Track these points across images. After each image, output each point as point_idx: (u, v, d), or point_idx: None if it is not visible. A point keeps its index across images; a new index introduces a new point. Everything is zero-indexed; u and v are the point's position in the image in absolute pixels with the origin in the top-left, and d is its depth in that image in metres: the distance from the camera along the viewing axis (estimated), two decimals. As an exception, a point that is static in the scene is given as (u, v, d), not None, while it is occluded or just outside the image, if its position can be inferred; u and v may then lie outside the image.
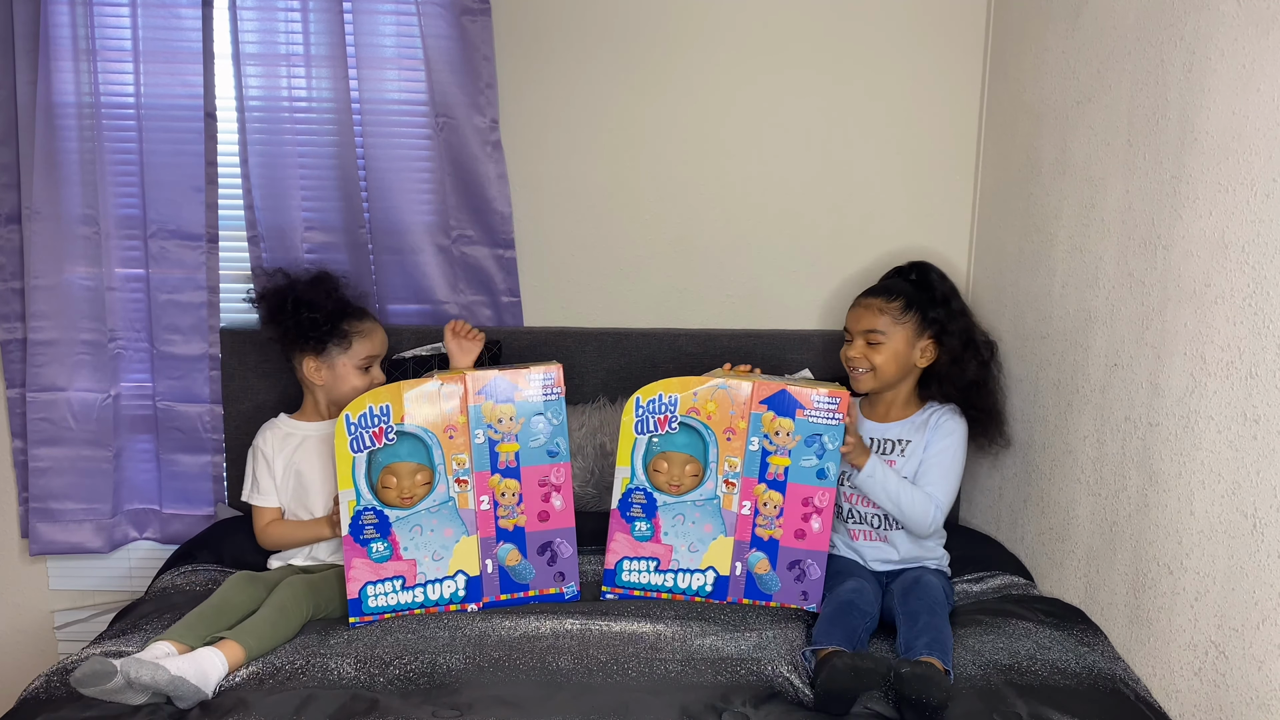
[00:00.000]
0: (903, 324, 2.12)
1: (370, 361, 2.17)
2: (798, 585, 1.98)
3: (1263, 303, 1.50)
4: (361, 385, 2.14)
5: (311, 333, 2.12)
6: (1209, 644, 1.60)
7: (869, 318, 2.13)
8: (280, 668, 1.68)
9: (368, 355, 2.16)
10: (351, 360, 2.14)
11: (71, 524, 2.50)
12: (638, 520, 1.98)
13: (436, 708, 1.56)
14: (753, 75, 2.56)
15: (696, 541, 1.98)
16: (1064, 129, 2.13)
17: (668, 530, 1.98)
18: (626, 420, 1.97)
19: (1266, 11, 1.50)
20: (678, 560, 1.98)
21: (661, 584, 1.99)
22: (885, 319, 2.11)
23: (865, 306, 2.15)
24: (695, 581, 1.99)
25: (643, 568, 1.99)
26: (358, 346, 2.15)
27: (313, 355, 2.13)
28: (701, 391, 1.97)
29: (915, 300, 2.14)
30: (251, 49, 2.41)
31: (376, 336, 2.19)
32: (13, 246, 2.42)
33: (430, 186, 2.52)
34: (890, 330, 2.11)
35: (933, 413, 2.14)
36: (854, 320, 2.16)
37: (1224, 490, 1.58)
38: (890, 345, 2.11)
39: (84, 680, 1.54)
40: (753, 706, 1.60)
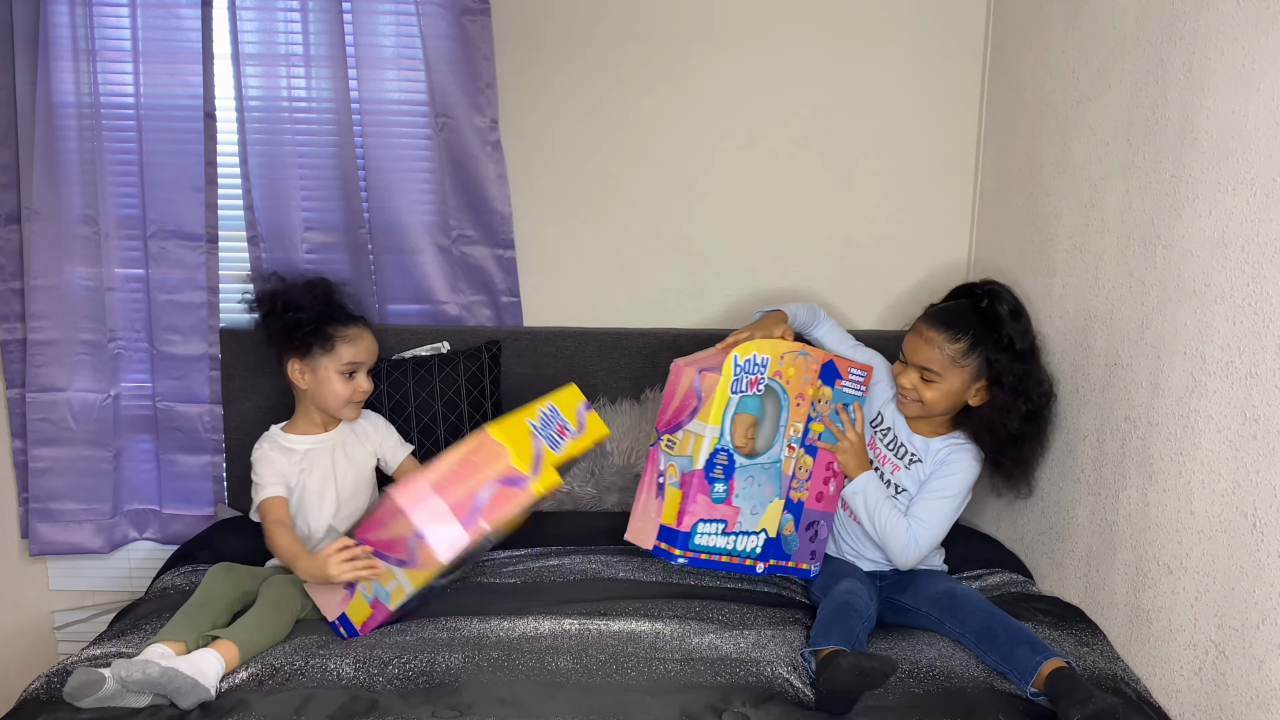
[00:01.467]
0: (962, 368, 1.95)
1: (354, 367, 2.10)
2: (809, 546, 2.01)
3: (1263, 303, 1.50)
4: (344, 392, 2.09)
5: (295, 333, 2.08)
6: (1209, 644, 1.60)
7: (927, 353, 1.96)
8: (280, 668, 1.68)
9: (351, 361, 2.09)
10: (334, 364, 2.08)
11: (71, 524, 2.50)
12: (717, 482, 1.90)
13: (436, 708, 1.56)
14: (752, 74, 2.56)
15: (758, 504, 1.94)
16: (1064, 129, 2.13)
17: (739, 492, 1.92)
18: (724, 379, 1.86)
19: (1266, 11, 1.50)
20: (741, 523, 1.94)
21: (725, 546, 1.93)
22: (944, 359, 1.95)
23: (927, 340, 1.96)
24: (749, 544, 1.95)
25: (713, 530, 1.92)
26: (341, 350, 2.08)
27: (297, 357, 2.09)
28: (786, 355, 1.93)
29: (980, 341, 1.95)
30: (251, 49, 2.41)
31: (362, 343, 2.12)
32: (13, 246, 2.42)
33: (430, 186, 2.52)
34: (947, 373, 1.96)
35: (946, 445, 2.03)
36: (912, 349, 1.99)
37: (1224, 490, 1.58)
38: (944, 385, 1.97)
39: (75, 693, 1.53)
40: (752, 706, 1.60)
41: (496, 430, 1.84)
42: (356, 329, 2.13)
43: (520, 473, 1.82)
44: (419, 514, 1.73)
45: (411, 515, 1.73)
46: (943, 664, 1.75)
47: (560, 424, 1.97)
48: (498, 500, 1.78)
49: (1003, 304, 2.01)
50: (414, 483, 1.75)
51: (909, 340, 2.02)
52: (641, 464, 2.39)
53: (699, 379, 1.90)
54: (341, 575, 1.77)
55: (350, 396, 2.10)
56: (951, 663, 1.75)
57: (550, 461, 1.88)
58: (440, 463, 1.78)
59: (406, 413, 2.35)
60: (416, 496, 1.74)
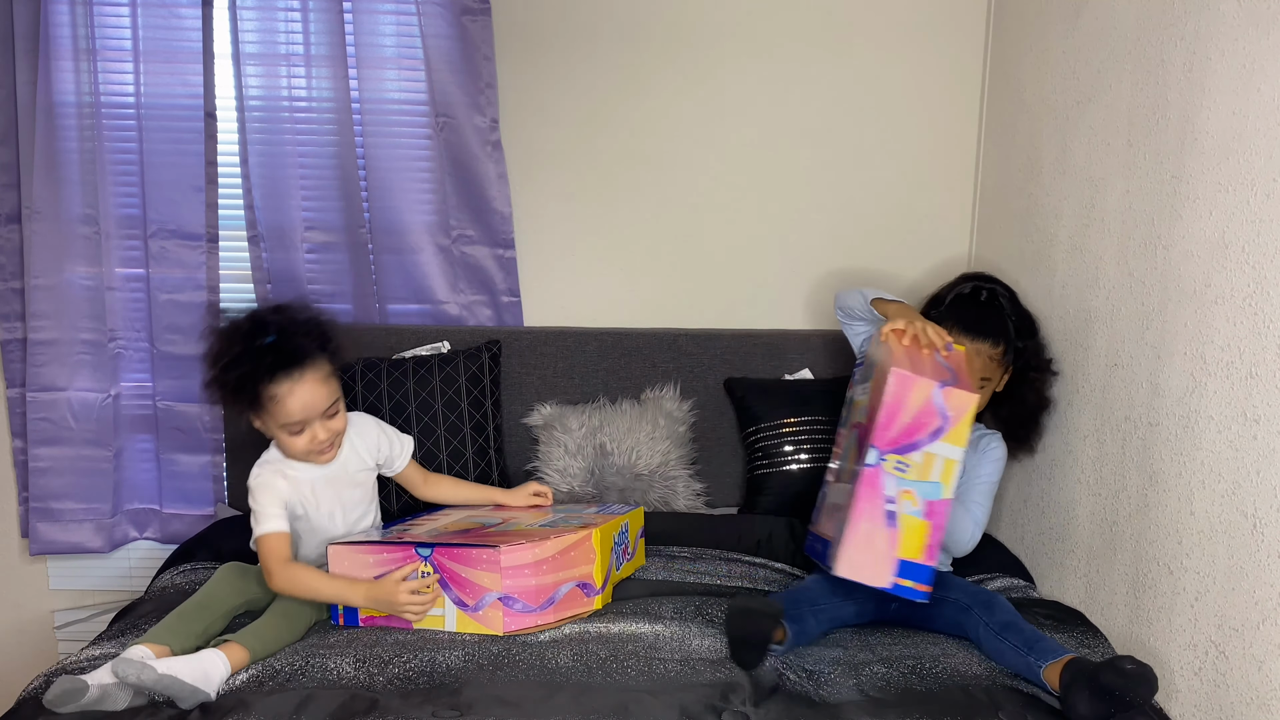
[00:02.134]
0: (1003, 366, 2.07)
1: (301, 425, 1.83)
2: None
3: (1263, 303, 1.50)
4: (300, 445, 1.84)
5: (221, 394, 1.84)
6: (1209, 644, 1.60)
7: (980, 366, 2.02)
8: (279, 669, 1.68)
9: (286, 423, 1.82)
10: (274, 424, 1.84)
11: (71, 524, 2.50)
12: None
13: (436, 707, 1.56)
14: (753, 75, 2.56)
15: None
16: (1064, 129, 2.13)
17: None
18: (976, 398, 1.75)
19: (1266, 11, 1.50)
20: None
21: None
22: (994, 365, 2.04)
23: (976, 352, 2.02)
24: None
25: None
26: (274, 411, 1.81)
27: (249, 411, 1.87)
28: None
29: (1008, 338, 2.06)
30: (251, 49, 2.42)
31: (295, 399, 1.80)
32: (13, 246, 2.42)
33: (430, 186, 2.52)
34: (995, 375, 2.06)
35: (982, 436, 2.10)
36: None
37: (1224, 490, 1.58)
38: (991, 387, 2.06)
39: (57, 701, 1.51)
40: (752, 705, 1.60)
41: (598, 537, 1.87)
42: (288, 383, 1.80)
43: (595, 584, 1.87)
44: (512, 581, 1.76)
45: (505, 579, 1.76)
46: (945, 661, 1.75)
47: (626, 546, 2.03)
48: (569, 600, 1.82)
49: (1002, 295, 2.13)
50: (522, 549, 1.76)
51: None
52: (642, 463, 2.39)
53: (940, 394, 1.71)
54: (409, 608, 1.77)
55: (309, 448, 1.86)
56: (954, 660, 1.75)
57: (613, 580, 1.94)
58: (547, 543, 1.79)
59: (407, 413, 2.35)
60: (519, 564, 1.76)
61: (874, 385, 1.81)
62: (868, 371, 1.91)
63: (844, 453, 1.94)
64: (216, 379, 1.82)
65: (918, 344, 1.82)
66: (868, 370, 1.91)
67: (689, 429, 2.52)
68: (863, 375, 1.95)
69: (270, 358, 1.80)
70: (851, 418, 1.95)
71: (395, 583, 1.78)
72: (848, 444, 1.92)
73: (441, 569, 1.79)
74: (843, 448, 1.96)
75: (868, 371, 1.91)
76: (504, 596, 1.76)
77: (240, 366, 1.79)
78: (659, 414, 2.47)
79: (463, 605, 1.78)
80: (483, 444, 2.40)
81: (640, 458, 2.40)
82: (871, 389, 1.82)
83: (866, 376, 1.91)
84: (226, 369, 1.80)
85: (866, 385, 1.88)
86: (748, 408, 2.49)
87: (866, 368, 1.94)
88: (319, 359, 1.85)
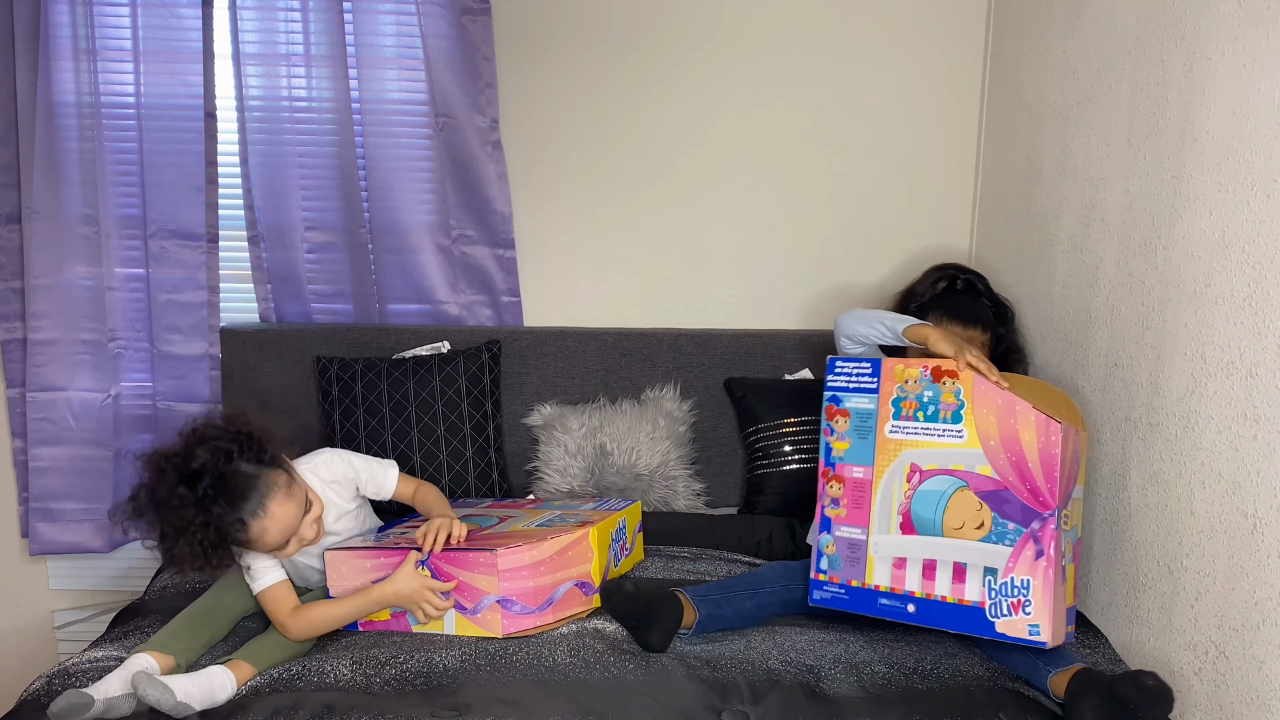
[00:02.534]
0: (989, 350, 2.07)
1: (282, 542, 1.72)
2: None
3: (1263, 303, 1.50)
4: (292, 550, 1.76)
5: (200, 564, 1.68)
6: (1209, 644, 1.60)
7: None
8: (277, 673, 1.68)
9: (273, 548, 1.73)
10: (264, 560, 1.76)
11: (71, 524, 2.50)
12: None
13: (434, 708, 1.56)
14: (752, 74, 2.56)
15: None
16: (1064, 129, 2.13)
17: None
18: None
19: (1266, 11, 1.50)
20: None
21: None
22: (985, 351, 2.02)
23: (969, 340, 1.98)
24: None
25: None
26: (260, 547, 1.72)
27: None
28: None
29: (993, 324, 2.08)
30: (251, 49, 2.41)
31: (270, 536, 1.69)
32: (13, 246, 2.42)
33: (430, 186, 2.51)
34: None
35: None
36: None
37: (1224, 490, 1.58)
38: None
39: (62, 714, 1.50)
40: (751, 704, 1.60)
41: (595, 535, 1.88)
42: (255, 525, 1.67)
43: (593, 583, 1.87)
44: (510, 584, 1.76)
45: (503, 581, 1.76)
46: (946, 661, 1.75)
47: (624, 542, 2.03)
48: (568, 599, 1.83)
49: (978, 282, 2.17)
50: (519, 551, 1.76)
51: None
52: (642, 463, 2.39)
53: (1076, 438, 1.70)
54: (431, 601, 1.76)
55: (299, 547, 1.78)
56: (955, 660, 1.76)
57: (612, 576, 1.94)
58: (544, 543, 1.79)
59: (407, 413, 2.35)
60: (516, 566, 1.76)
61: (980, 427, 1.69)
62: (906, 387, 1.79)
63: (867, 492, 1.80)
64: (191, 553, 1.65)
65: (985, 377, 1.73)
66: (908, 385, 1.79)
67: (689, 429, 2.52)
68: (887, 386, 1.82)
69: (220, 506, 1.64)
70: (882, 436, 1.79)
71: (414, 575, 1.77)
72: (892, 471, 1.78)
73: (439, 573, 1.79)
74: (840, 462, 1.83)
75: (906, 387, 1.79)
76: (502, 599, 1.76)
77: (202, 531, 1.65)
78: (659, 414, 2.46)
79: (461, 609, 1.78)
80: (483, 444, 2.40)
81: (640, 458, 2.40)
82: (976, 431, 1.70)
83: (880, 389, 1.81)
84: (191, 538, 1.65)
85: (875, 396, 1.81)
86: (748, 408, 2.49)
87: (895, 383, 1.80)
88: (269, 476, 1.70)
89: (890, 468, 1.78)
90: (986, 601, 1.67)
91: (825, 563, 1.83)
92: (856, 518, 1.81)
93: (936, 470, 1.73)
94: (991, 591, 1.67)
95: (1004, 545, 1.66)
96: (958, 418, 1.72)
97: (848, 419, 1.83)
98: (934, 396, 1.75)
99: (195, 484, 1.65)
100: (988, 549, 1.68)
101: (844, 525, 1.82)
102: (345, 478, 1.91)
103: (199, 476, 1.65)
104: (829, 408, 1.86)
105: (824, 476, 1.85)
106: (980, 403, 1.70)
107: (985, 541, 1.68)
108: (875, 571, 1.78)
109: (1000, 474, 1.68)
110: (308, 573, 1.91)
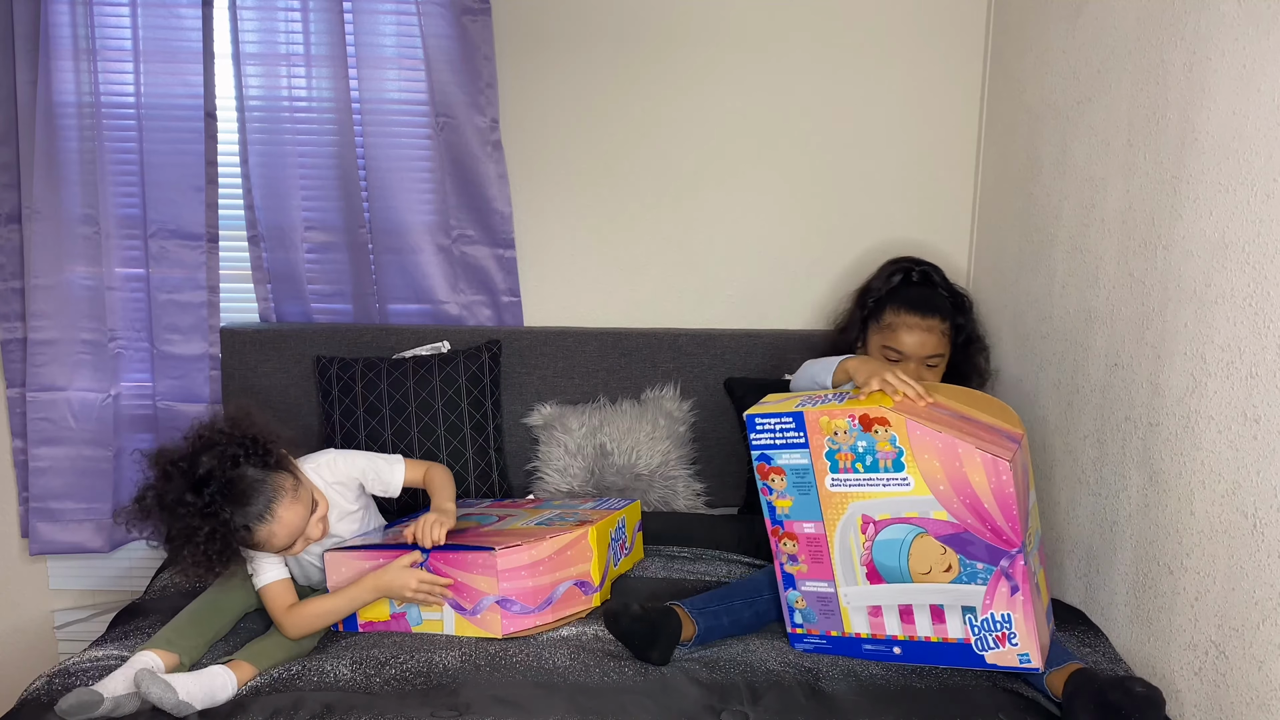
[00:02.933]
0: (949, 339, 2.07)
1: (289, 544, 1.74)
2: None
3: (1263, 303, 1.50)
4: (298, 550, 1.78)
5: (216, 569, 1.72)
6: (1209, 644, 1.60)
7: (935, 343, 2.02)
8: (277, 673, 1.68)
9: (281, 550, 1.76)
10: (267, 559, 1.78)
11: (71, 524, 2.50)
12: None
13: (434, 708, 1.56)
14: (753, 74, 2.56)
15: None
16: (1064, 129, 2.12)
17: None
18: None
19: (1266, 11, 1.50)
20: None
21: None
22: (945, 341, 2.05)
23: (929, 330, 2.01)
24: None
25: None
26: (268, 548, 1.75)
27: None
28: None
29: (951, 313, 2.09)
30: (251, 49, 2.41)
31: (278, 539, 1.72)
32: (13, 246, 2.42)
33: (430, 186, 2.52)
34: (946, 350, 2.06)
35: None
36: (916, 344, 2.00)
37: (1224, 490, 1.57)
38: (942, 363, 2.06)
39: (71, 711, 1.51)
40: (750, 704, 1.60)
41: (594, 535, 1.87)
42: (263, 528, 1.70)
43: (593, 582, 1.86)
44: (509, 584, 1.76)
45: (502, 581, 1.75)
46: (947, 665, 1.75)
47: (624, 541, 2.02)
48: (567, 599, 1.82)
49: (934, 273, 2.16)
50: (517, 551, 1.76)
51: (906, 338, 2.01)
52: (642, 463, 2.39)
53: (1021, 452, 1.64)
54: (416, 597, 1.76)
55: (305, 547, 1.81)
56: (952, 662, 1.76)
57: (611, 576, 1.93)
58: (543, 543, 1.79)
59: (407, 413, 2.35)
60: (514, 566, 1.76)
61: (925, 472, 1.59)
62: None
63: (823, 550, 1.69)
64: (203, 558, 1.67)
65: (910, 400, 1.64)
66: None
67: (689, 429, 2.52)
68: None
69: (227, 512, 1.66)
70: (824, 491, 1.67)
71: (402, 568, 1.76)
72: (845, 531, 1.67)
73: (437, 574, 1.78)
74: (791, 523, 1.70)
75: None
76: (501, 599, 1.75)
77: (211, 541, 1.66)
78: (659, 414, 2.47)
79: (460, 609, 1.78)
80: (483, 444, 2.40)
81: (640, 458, 2.40)
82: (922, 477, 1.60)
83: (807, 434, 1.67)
84: (201, 545, 1.66)
85: (806, 450, 1.66)
86: (748, 408, 2.48)
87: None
88: (276, 479, 1.72)
89: (841, 521, 1.67)
90: (971, 637, 1.65)
91: (799, 616, 1.77)
92: (819, 572, 1.71)
93: (890, 520, 1.63)
94: (974, 628, 1.64)
95: (977, 584, 1.62)
96: (899, 465, 1.60)
97: (783, 476, 1.68)
98: (869, 446, 1.61)
99: (201, 490, 1.66)
100: (961, 589, 1.63)
101: (808, 580, 1.73)
102: (349, 478, 1.92)
103: (205, 483, 1.67)
104: (760, 466, 1.70)
105: (775, 535, 1.73)
106: (920, 449, 1.58)
107: (957, 583, 1.63)
108: (852, 621, 1.72)
109: (957, 517, 1.59)
110: (311, 570, 1.91)
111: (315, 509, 1.78)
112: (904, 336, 2.01)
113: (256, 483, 1.69)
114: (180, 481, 1.67)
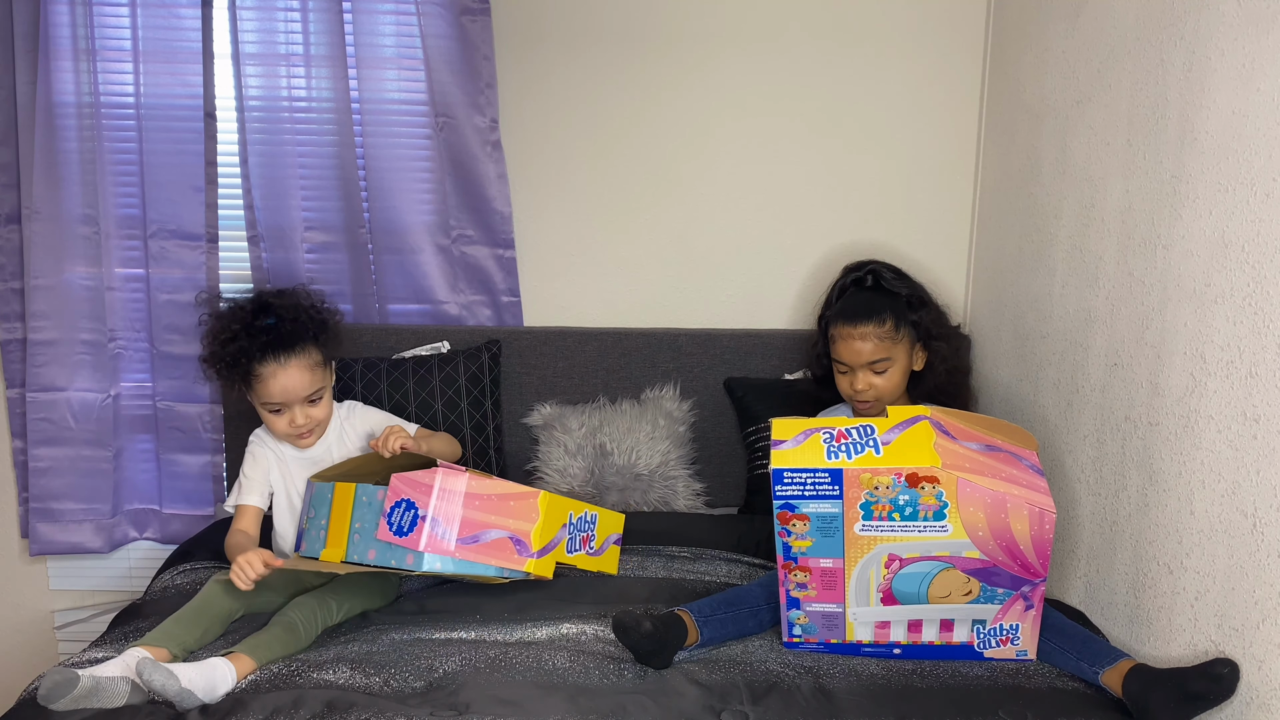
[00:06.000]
0: (900, 341, 2.07)
1: (279, 406, 1.98)
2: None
3: (1263, 303, 1.50)
4: (279, 426, 2.00)
5: (223, 370, 2.00)
6: (1209, 644, 1.60)
7: (871, 349, 2.04)
8: (277, 671, 1.68)
9: (266, 401, 1.98)
10: (257, 401, 2.01)
11: (71, 524, 2.50)
12: None
13: (434, 708, 1.56)
14: (752, 74, 2.56)
15: None
16: (1064, 129, 2.12)
17: None
18: None
19: (1266, 11, 1.50)
20: None
21: None
22: (887, 344, 2.05)
23: (862, 338, 2.04)
24: None
25: None
26: (258, 389, 1.98)
27: (241, 385, 2.02)
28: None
29: (899, 312, 2.08)
30: (251, 49, 2.42)
31: (277, 381, 1.96)
32: (13, 246, 2.42)
33: (430, 186, 2.52)
34: (893, 352, 2.06)
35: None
36: (852, 354, 2.05)
37: (1224, 490, 1.57)
38: (897, 365, 2.07)
39: (49, 696, 1.50)
40: (750, 704, 1.60)
41: (545, 500, 1.87)
42: (274, 365, 1.96)
43: (530, 545, 1.86)
44: (442, 504, 1.77)
45: (437, 500, 1.76)
46: (946, 660, 1.75)
47: (588, 535, 2.01)
48: (495, 547, 1.81)
49: (884, 274, 2.17)
50: (459, 475, 1.79)
51: (844, 349, 2.07)
52: (642, 463, 2.39)
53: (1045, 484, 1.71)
54: (235, 569, 1.77)
55: (288, 430, 2.02)
56: (954, 660, 1.75)
57: (555, 556, 1.92)
58: (490, 481, 1.81)
59: (407, 413, 2.35)
60: (452, 489, 1.78)
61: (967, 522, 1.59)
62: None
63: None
64: (214, 353, 1.98)
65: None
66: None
67: (689, 429, 2.52)
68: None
69: (264, 338, 1.95)
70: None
71: (254, 552, 1.78)
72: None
73: (395, 491, 1.80)
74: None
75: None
76: (431, 518, 1.76)
77: (236, 342, 1.95)
78: (659, 414, 2.47)
79: (396, 530, 1.78)
80: (483, 444, 2.40)
81: (640, 458, 2.40)
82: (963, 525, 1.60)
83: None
84: (224, 344, 1.96)
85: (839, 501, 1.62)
86: (748, 408, 2.49)
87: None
88: (309, 347, 1.99)
89: (864, 558, 1.65)
90: (975, 641, 1.72)
91: (799, 630, 1.76)
92: (829, 597, 1.70)
93: (919, 558, 1.63)
94: (980, 634, 1.71)
95: (993, 604, 1.68)
96: (940, 515, 1.60)
97: (807, 522, 1.64)
98: (911, 499, 1.59)
99: (260, 313, 1.99)
100: (975, 608, 1.69)
101: (815, 603, 1.71)
102: (370, 422, 2.13)
103: (266, 310, 1.99)
104: (782, 513, 1.64)
105: (785, 568, 1.69)
106: (966, 502, 1.58)
107: (974, 604, 1.68)
108: (856, 632, 1.74)
109: (990, 556, 1.62)
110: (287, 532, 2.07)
111: (316, 403, 2.00)
112: (841, 349, 2.08)
113: (295, 336, 1.97)
114: (250, 301, 2.03)
